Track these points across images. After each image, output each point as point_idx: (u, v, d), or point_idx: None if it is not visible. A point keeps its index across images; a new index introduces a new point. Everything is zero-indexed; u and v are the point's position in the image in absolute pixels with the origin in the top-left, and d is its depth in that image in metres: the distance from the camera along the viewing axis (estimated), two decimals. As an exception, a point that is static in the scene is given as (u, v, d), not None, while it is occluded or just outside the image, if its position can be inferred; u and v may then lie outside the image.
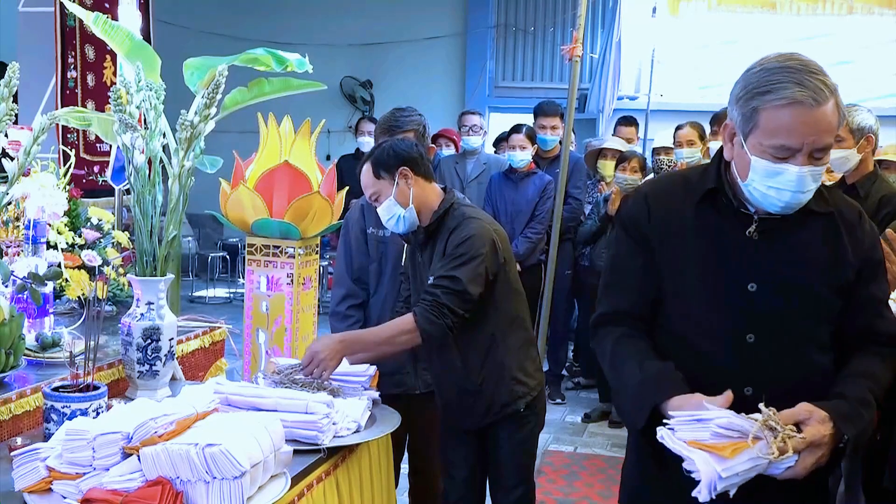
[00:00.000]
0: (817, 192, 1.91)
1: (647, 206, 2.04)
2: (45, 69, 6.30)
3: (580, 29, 5.92)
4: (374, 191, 2.99)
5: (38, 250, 2.97)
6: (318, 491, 2.29)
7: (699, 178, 2.05)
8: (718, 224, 1.97)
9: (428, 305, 2.84)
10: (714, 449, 1.70)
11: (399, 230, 3.02)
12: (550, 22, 11.33)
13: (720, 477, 1.67)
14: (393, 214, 2.96)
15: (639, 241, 2.03)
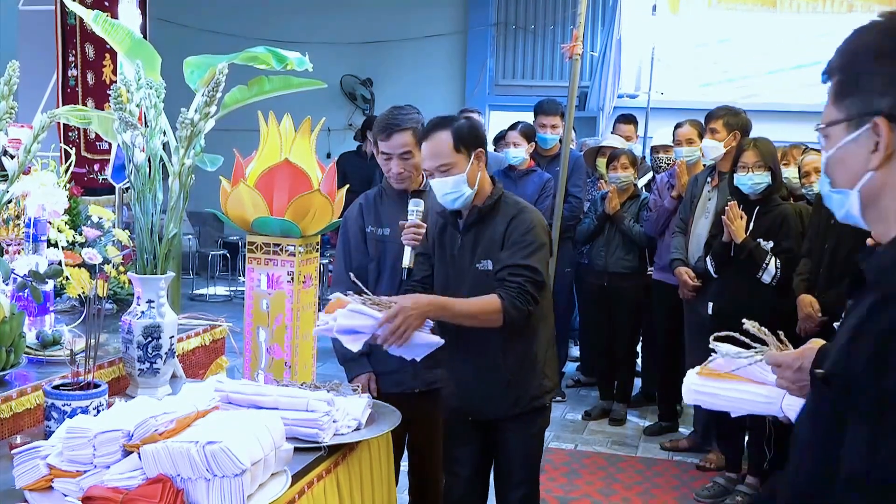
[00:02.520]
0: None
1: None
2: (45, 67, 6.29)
3: (580, 27, 5.92)
4: (447, 162, 2.96)
5: (39, 248, 2.98)
6: (318, 489, 2.30)
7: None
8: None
9: (515, 291, 2.87)
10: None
11: (454, 206, 3.03)
12: (551, 20, 11.33)
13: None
14: (457, 191, 2.98)
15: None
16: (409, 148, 3.36)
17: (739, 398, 1.97)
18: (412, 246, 3.28)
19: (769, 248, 4.44)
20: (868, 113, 1.30)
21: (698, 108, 8.07)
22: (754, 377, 1.96)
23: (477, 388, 3.07)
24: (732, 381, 1.97)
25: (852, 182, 1.35)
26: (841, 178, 1.37)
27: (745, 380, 1.96)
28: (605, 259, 5.91)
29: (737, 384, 1.97)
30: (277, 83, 3.19)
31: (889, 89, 1.27)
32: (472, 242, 3.04)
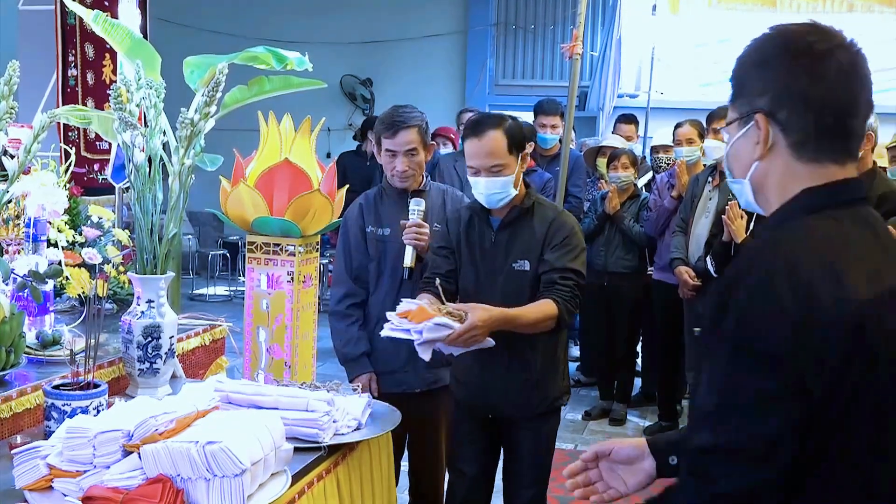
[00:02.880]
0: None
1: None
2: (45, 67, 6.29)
3: (580, 27, 5.92)
4: (501, 163, 2.97)
5: (39, 248, 2.98)
6: (318, 489, 2.29)
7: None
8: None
9: (568, 295, 2.91)
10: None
11: (496, 206, 3.03)
12: (550, 20, 11.33)
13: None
14: (504, 192, 2.99)
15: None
16: (415, 145, 3.36)
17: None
18: (414, 246, 3.27)
19: None
20: (751, 111, 1.50)
21: (698, 108, 8.07)
22: None
23: (504, 387, 3.06)
24: None
25: (744, 172, 1.54)
26: (736, 170, 1.56)
27: None
28: (605, 259, 5.91)
29: None
30: (277, 83, 3.19)
31: (766, 90, 1.48)
32: (508, 241, 3.04)
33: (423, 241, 3.28)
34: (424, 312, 2.71)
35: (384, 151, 3.40)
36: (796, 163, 1.48)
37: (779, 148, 1.49)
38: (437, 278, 3.00)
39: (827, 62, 1.47)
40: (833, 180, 1.47)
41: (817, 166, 1.47)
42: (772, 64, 1.50)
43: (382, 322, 3.44)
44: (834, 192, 1.47)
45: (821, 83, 1.47)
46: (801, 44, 1.51)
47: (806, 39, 1.51)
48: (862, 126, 1.52)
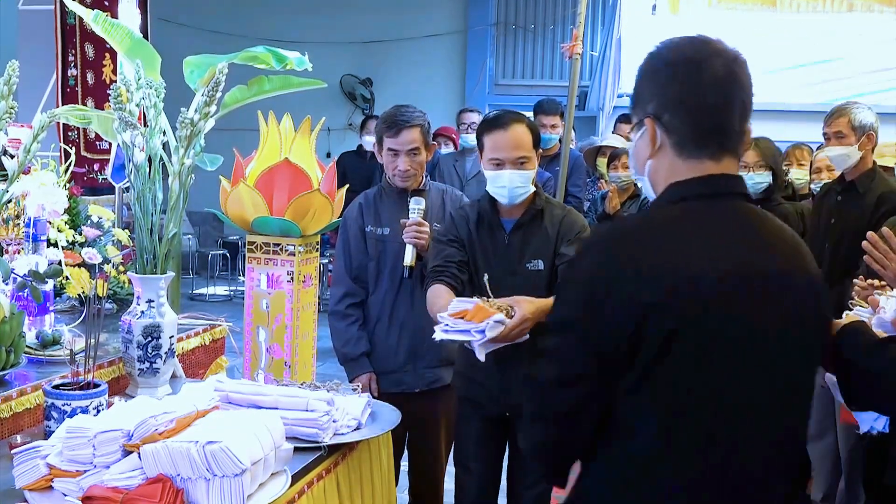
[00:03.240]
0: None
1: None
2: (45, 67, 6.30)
3: (580, 27, 5.91)
4: (527, 155, 3.00)
5: (39, 248, 2.97)
6: (318, 488, 2.29)
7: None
8: None
9: None
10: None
11: (515, 202, 3.02)
12: (550, 20, 11.33)
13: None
14: (525, 186, 3.00)
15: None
16: (417, 145, 3.36)
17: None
18: (414, 244, 3.27)
19: None
20: (643, 117, 1.70)
21: (698, 107, 8.06)
22: None
23: (500, 381, 3.00)
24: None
25: (643, 170, 1.74)
26: (639, 168, 1.76)
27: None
28: (606, 258, 5.89)
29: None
30: (277, 83, 3.19)
31: (653, 98, 1.69)
32: (522, 242, 3.03)
33: (423, 239, 3.28)
34: (483, 311, 2.66)
35: (386, 150, 3.40)
36: (678, 159, 1.67)
37: (665, 147, 1.68)
38: (452, 267, 2.98)
39: (701, 71, 1.65)
40: (698, 176, 1.66)
41: (695, 162, 1.66)
42: (656, 75, 1.70)
43: (382, 321, 3.45)
44: (694, 186, 1.66)
45: (696, 89, 1.65)
46: (679, 55, 1.69)
47: (684, 51, 1.69)
48: (740, 125, 1.69)
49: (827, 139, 4.17)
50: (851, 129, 4.06)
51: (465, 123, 6.56)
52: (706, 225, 1.64)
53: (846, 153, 4.08)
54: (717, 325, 1.57)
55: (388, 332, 3.44)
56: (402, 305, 3.42)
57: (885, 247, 2.61)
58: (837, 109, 4.18)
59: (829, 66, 10.43)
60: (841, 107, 4.20)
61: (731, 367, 1.58)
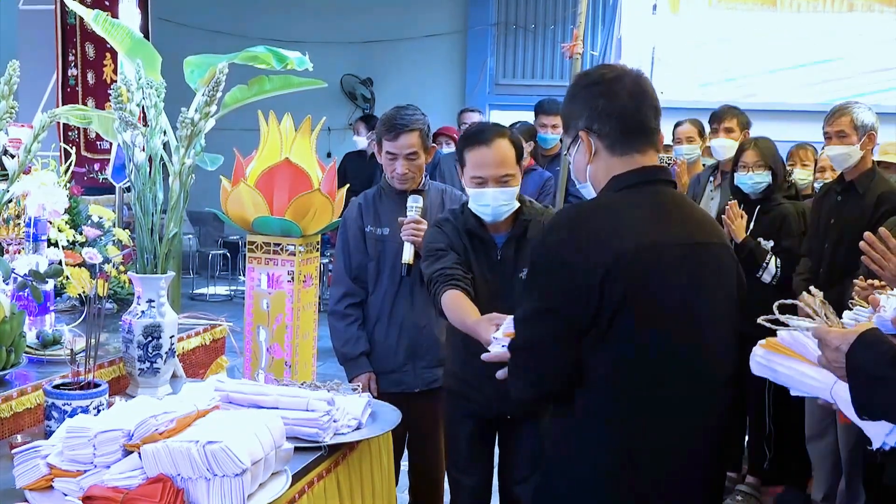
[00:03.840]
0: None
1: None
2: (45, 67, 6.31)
3: (580, 26, 5.91)
4: (511, 173, 2.93)
5: (39, 248, 2.97)
6: (318, 488, 2.30)
7: None
8: None
9: None
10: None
11: (499, 218, 2.97)
12: (551, 19, 11.33)
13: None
14: (509, 203, 2.94)
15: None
16: (416, 149, 3.35)
17: (796, 378, 1.97)
18: (412, 242, 3.26)
19: (769, 247, 4.44)
20: (576, 132, 2.09)
21: (698, 107, 8.08)
22: (811, 357, 1.95)
23: (495, 386, 2.97)
24: (792, 358, 1.97)
25: (584, 177, 2.13)
26: (580, 177, 2.15)
27: (803, 360, 1.95)
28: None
29: (796, 363, 1.96)
30: (277, 82, 3.19)
31: (581, 114, 2.08)
32: (514, 253, 2.99)
33: (421, 237, 3.27)
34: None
35: (385, 153, 3.39)
36: (612, 158, 2.06)
37: (600, 151, 2.06)
38: (459, 271, 2.92)
39: (617, 85, 2.06)
40: (632, 168, 2.04)
41: (627, 158, 2.05)
42: (581, 96, 2.09)
43: (381, 321, 3.45)
44: (628, 177, 2.04)
45: (615, 100, 2.04)
46: (596, 78, 2.09)
47: (598, 73, 2.11)
48: (654, 123, 2.10)
49: (828, 138, 4.16)
50: (854, 128, 4.06)
51: (466, 123, 6.56)
52: (642, 206, 2.00)
53: (847, 152, 4.08)
54: (657, 286, 1.92)
55: (387, 331, 3.44)
56: (401, 305, 3.42)
57: (883, 247, 2.61)
58: (839, 109, 4.17)
59: (829, 66, 10.43)
60: (842, 106, 4.19)
61: (670, 323, 1.94)
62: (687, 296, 1.97)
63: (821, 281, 4.22)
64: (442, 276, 2.94)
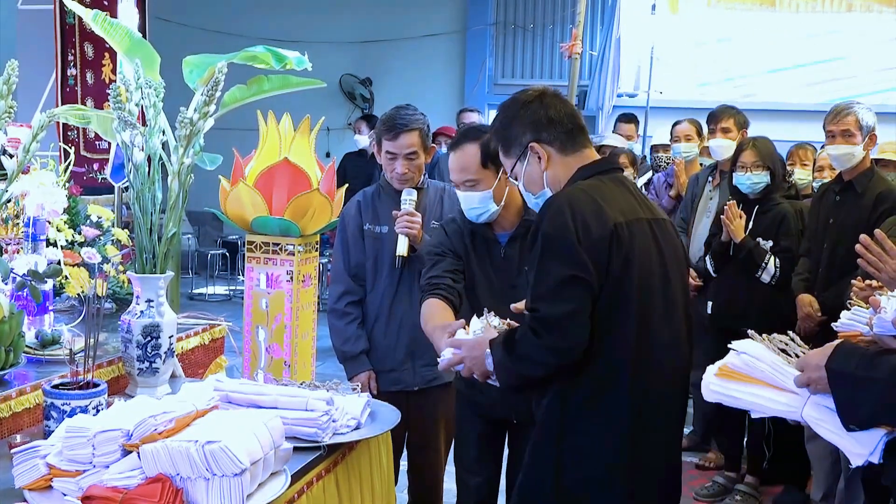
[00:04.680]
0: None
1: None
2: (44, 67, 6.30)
3: (579, 26, 5.93)
4: (473, 178, 2.93)
5: (38, 248, 2.97)
6: (318, 488, 2.30)
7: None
8: None
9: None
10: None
11: (478, 221, 2.98)
12: (550, 19, 11.33)
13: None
14: (482, 207, 2.93)
15: None
16: (416, 149, 3.35)
17: (759, 404, 1.98)
18: (406, 234, 3.26)
19: (768, 247, 4.44)
20: (524, 146, 2.36)
21: (697, 107, 8.09)
22: (774, 382, 1.95)
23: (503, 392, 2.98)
24: (751, 384, 1.97)
25: (541, 185, 2.38)
26: (536, 189, 2.40)
27: (763, 384, 1.95)
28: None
29: (756, 388, 1.97)
30: (276, 82, 3.19)
31: (525, 130, 2.36)
32: (518, 252, 2.98)
33: (416, 230, 3.27)
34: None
35: (384, 153, 3.39)
36: (566, 157, 2.35)
37: (552, 156, 2.35)
38: (446, 279, 2.94)
39: (547, 98, 2.38)
40: (591, 160, 2.36)
41: (579, 154, 2.36)
42: (519, 117, 2.38)
43: (381, 320, 3.45)
44: (594, 166, 2.35)
45: (551, 108, 2.36)
46: (525, 98, 2.41)
47: (525, 95, 2.42)
48: (583, 123, 2.43)
49: (832, 137, 4.14)
50: (859, 128, 4.06)
51: (465, 123, 6.57)
52: (613, 188, 2.31)
53: (851, 152, 4.08)
54: (644, 254, 2.23)
55: (386, 330, 3.44)
56: (400, 303, 3.41)
57: (879, 249, 2.60)
58: (843, 108, 4.15)
59: (828, 66, 10.43)
60: (846, 105, 4.18)
61: (652, 291, 2.23)
62: (660, 262, 2.29)
63: (819, 281, 4.23)
64: (428, 286, 2.97)
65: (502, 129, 2.41)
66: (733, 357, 2.00)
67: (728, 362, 2.01)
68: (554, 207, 2.22)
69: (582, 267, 2.13)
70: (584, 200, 2.21)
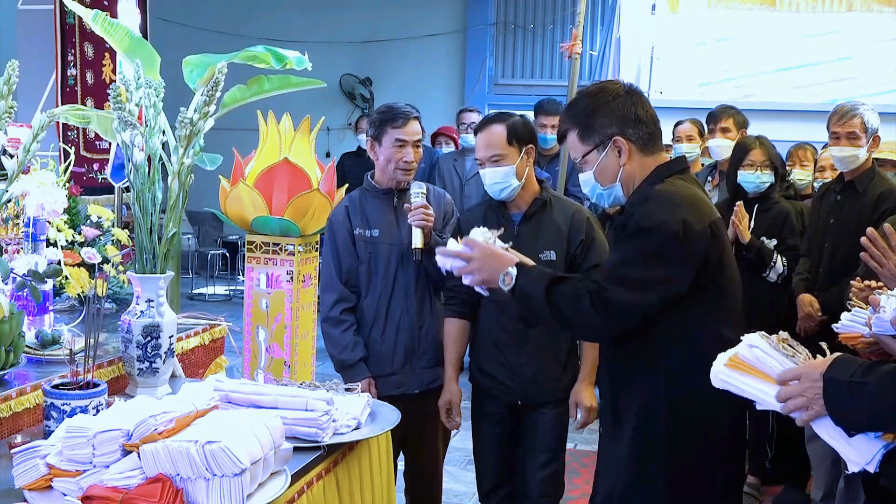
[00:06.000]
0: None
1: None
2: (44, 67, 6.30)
3: (579, 26, 5.92)
4: (499, 153, 3.15)
5: (38, 248, 2.97)
6: (317, 488, 2.30)
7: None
8: None
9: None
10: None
11: (500, 196, 3.19)
12: (550, 19, 11.33)
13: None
14: (506, 181, 3.15)
15: None
16: (420, 136, 3.36)
17: (763, 398, 1.97)
18: (421, 227, 3.25)
19: (772, 245, 4.44)
20: (607, 137, 2.37)
21: (698, 107, 8.07)
22: (775, 376, 1.95)
23: (536, 368, 3.19)
24: (759, 378, 1.96)
25: (612, 179, 2.40)
26: (606, 181, 2.41)
27: (771, 380, 1.95)
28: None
29: (763, 384, 1.96)
30: (277, 82, 3.19)
31: (612, 122, 2.37)
32: (533, 233, 3.17)
33: (431, 221, 3.27)
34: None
35: (393, 141, 3.32)
36: (645, 158, 2.39)
37: (633, 153, 2.37)
38: (460, 288, 2.99)
39: (635, 96, 2.41)
40: (666, 161, 2.41)
41: (656, 155, 2.41)
42: (608, 107, 2.38)
43: (377, 324, 3.43)
44: (671, 166, 2.41)
45: (640, 107, 2.39)
46: (619, 90, 2.41)
47: (618, 87, 2.43)
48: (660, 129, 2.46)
49: (836, 138, 4.13)
50: (864, 130, 4.06)
51: (465, 123, 6.56)
52: (696, 189, 2.41)
53: (856, 154, 4.07)
54: (730, 254, 2.41)
55: (383, 334, 3.41)
56: (396, 307, 3.38)
57: (884, 244, 2.60)
58: (850, 109, 4.12)
59: (828, 66, 10.42)
60: (852, 107, 4.15)
61: (738, 285, 2.41)
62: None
63: (820, 281, 4.23)
64: (447, 298, 3.35)
65: (586, 114, 2.40)
66: (744, 349, 1.99)
67: (739, 353, 2.00)
68: (656, 201, 2.27)
69: (674, 267, 2.24)
70: (685, 197, 2.29)
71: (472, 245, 2.42)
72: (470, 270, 2.42)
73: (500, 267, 2.38)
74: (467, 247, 2.42)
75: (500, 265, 2.38)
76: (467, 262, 2.42)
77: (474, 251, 2.41)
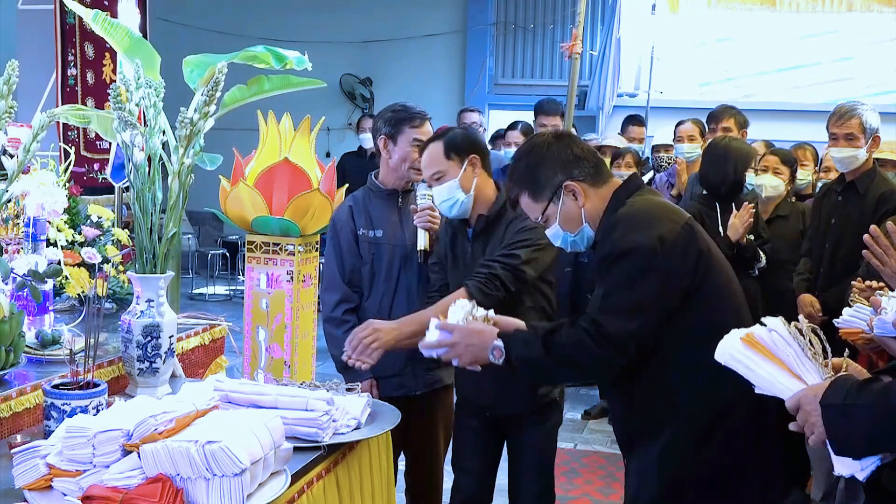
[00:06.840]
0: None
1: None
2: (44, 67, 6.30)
3: (580, 26, 5.92)
4: (439, 169, 3.04)
5: (38, 248, 2.97)
6: (317, 488, 2.30)
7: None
8: None
9: (483, 278, 2.91)
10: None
11: (451, 214, 3.07)
12: (550, 19, 11.33)
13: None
14: (451, 197, 3.03)
15: None
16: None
17: (768, 380, 1.96)
18: (427, 229, 3.24)
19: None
20: (557, 186, 2.40)
21: (698, 107, 8.08)
22: (793, 369, 1.94)
23: (494, 383, 3.01)
24: (772, 362, 1.95)
25: (579, 222, 2.42)
26: (574, 227, 2.43)
27: (783, 366, 1.94)
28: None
29: (774, 368, 1.95)
30: (277, 82, 3.19)
31: (556, 171, 2.41)
32: (482, 249, 3.05)
33: (437, 223, 3.26)
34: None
35: (412, 141, 3.30)
36: (599, 190, 2.42)
37: (587, 191, 2.40)
38: (435, 298, 3.06)
39: (566, 139, 2.49)
40: (618, 184, 2.45)
41: (609, 184, 2.44)
42: (545, 159, 2.42)
43: None
44: (627, 188, 2.43)
45: (573, 146, 2.45)
46: (541, 140, 2.49)
47: (541, 139, 2.50)
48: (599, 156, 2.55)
49: (834, 139, 4.13)
50: (862, 130, 4.05)
51: (466, 123, 6.56)
52: (658, 199, 2.44)
53: (855, 155, 4.07)
54: (715, 250, 2.37)
55: None
56: (399, 308, 3.37)
57: (887, 242, 2.59)
58: (848, 110, 4.12)
59: (829, 66, 10.43)
60: (851, 107, 4.15)
61: (731, 278, 2.40)
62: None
63: (821, 281, 4.23)
64: (427, 298, 3.21)
65: (529, 173, 2.43)
66: (763, 331, 1.98)
67: (756, 333, 1.99)
68: (625, 225, 2.29)
69: (661, 282, 2.22)
70: (650, 212, 2.31)
71: (450, 329, 2.42)
72: (455, 356, 2.42)
73: (485, 344, 2.37)
74: (445, 332, 2.42)
75: (483, 342, 2.37)
76: (450, 347, 2.41)
77: (454, 336, 2.41)
